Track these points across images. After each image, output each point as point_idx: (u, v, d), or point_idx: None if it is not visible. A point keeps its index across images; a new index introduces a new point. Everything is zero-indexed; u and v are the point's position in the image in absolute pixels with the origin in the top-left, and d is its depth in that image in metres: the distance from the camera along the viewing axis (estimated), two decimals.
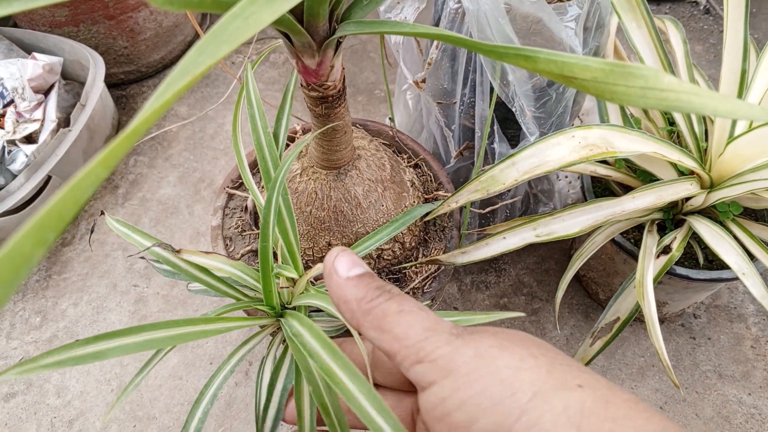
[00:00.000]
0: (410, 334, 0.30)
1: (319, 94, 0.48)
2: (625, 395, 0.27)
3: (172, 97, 0.15)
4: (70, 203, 0.13)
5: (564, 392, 0.26)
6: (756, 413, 0.86)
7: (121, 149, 0.14)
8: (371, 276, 0.33)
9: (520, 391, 0.26)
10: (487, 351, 0.28)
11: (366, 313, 0.31)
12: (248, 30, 0.18)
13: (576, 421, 0.25)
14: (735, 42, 0.67)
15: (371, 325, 0.31)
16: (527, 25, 0.62)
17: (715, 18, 1.46)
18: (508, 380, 0.27)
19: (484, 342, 0.29)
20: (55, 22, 1.17)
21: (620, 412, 0.26)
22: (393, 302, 0.31)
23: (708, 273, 0.72)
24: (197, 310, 1.00)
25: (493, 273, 1.03)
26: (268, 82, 1.38)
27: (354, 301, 0.32)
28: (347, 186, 0.61)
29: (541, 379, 0.27)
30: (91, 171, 0.13)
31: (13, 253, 0.12)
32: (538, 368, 0.27)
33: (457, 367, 0.28)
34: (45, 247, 0.13)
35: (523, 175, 0.57)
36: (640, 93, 0.21)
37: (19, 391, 0.92)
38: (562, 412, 0.25)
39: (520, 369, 0.27)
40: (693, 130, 0.72)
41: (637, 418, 0.26)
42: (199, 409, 0.48)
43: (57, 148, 1.01)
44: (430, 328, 0.30)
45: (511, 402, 0.26)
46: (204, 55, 0.17)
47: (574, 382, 0.27)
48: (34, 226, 0.12)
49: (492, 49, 0.25)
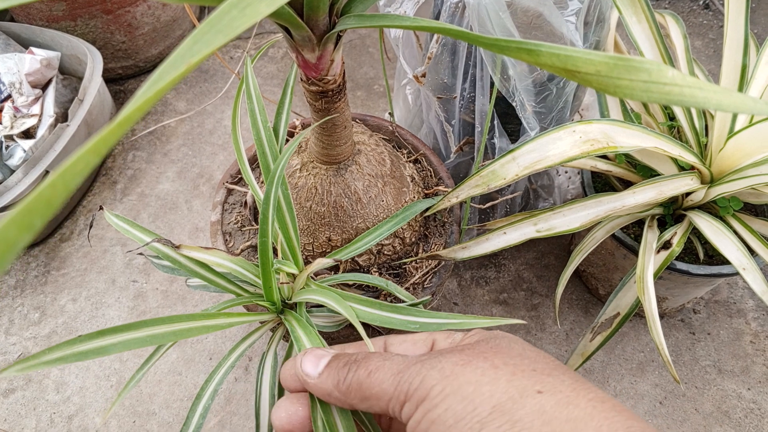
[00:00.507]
0: (385, 388, 0.31)
1: (319, 88, 0.48)
2: (591, 394, 0.28)
3: (166, 86, 0.15)
4: (59, 189, 0.13)
5: (522, 400, 0.27)
6: (755, 408, 0.86)
7: (112, 136, 0.14)
8: (337, 357, 0.35)
9: (480, 406, 0.27)
10: (451, 370, 0.29)
11: (348, 393, 0.33)
12: (245, 20, 0.17)
13: (536, 426, 0.26)
14: (735, 37, 0.66)
15: (357, 399, 0.33)
16: (528, 19, 0.62)
17: (714, 13, 1.46)
18: (469, 396, 0.28)
19: (449, 361, 0.30)
20: (52, 17, 1.17)
21: (581, 413, 0.26)
22: (360, 369, 0.33)
23: (708, 268, 0.72)
24: (196, 305, 1.00)
25: (493, 268, 1.03)
26: (266, 77, 1.37)
27: (334, 390, 0.33)
28: (347, 181, 0.61)
29: (500, 391, 0.28)
30: (81, 157, 0.13)
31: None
32: (497, 380, 0.28)
33: (427, 392, 0.29)
34: (31, 233, 0.12)
35: (523, 170, 0.56)
36: (644, 87, 0.21)
37: (18, 387, 0.92)
38: (519, 421, 0.26)
39: (481, 383, 0.28)
40: (693, 125, 0.72)
41: (600, 417, 0.26)
42: (199, 405, 0.48)
43: (55, 144, 1.01)
44: (398, 372, 0.31)
45: (472, 417, 0.27)
46: (199, 44, 0.17)
47: (534, 389, 0.28)
48: (21, 211, 0.12)
49: (494, 43, 0.24)
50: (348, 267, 0.66)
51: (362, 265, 0.66)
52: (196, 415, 0.47)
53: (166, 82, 0.15)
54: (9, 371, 0.34)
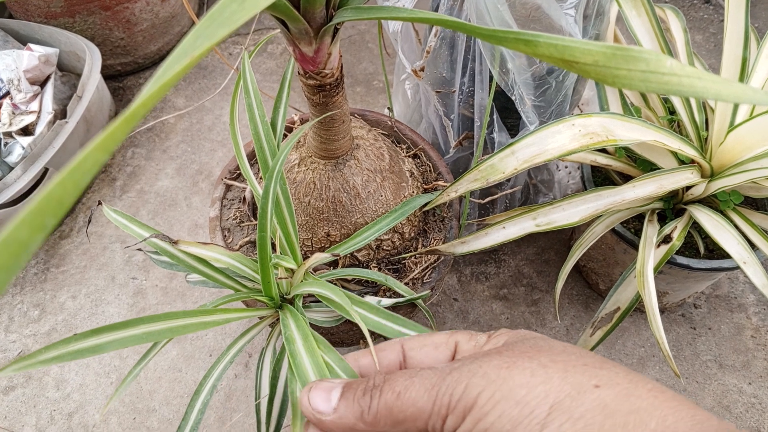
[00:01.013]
0: (421, 406, 0.29)
1: (316, 82, 0.47)
2: (649, 385, 0.27)
3: (172, 79, 0.15)
4: (69, 188, 0.13)
5: (581, 397, 0.26)
6: (756, 402, 0.86)
7: (121, 132, 0.14)
8: (349, 386, 0.33)
9: (537, 407, 0.26)
10: (497, 374, 0.28)
11: (376, 422, 0.30)
12: (245, 13, 0.17)
13: (598, 421, 0.25)
14: (736, 30, 0.66)
15: (389, 426, 0.30)
16: (526, 12, 0.61)
17: (715, 7, 1.45)
18: (523, 399, 0.27)
19: (491, 365, 0.29)
20: (50, 13, 1.16)
21: (644, 404, 0.25)
22: (386, 394, 0.30)
23: (708, 262, 0.72)
24: (196, 301, 1.00)
25: (492, 264, 1.03)
26: (265, 73, 1.37)
27: (359, 423, 0.31)
28: (346, 176, 0.61)
29: (555, 389, 0.27)
30: (89, 154, 0.13)
31: (10, 239, 0.12)
32: (550, 379, 0.27)
33: (474, 400, 0.28)
34: (44, 233, 0.12)
35: (522, 163, 0.56)
36: (642, 77, 0.21)
37: (18, 384, 0.92)
38: (581, 418, 0.25)
39: (533, 384, 0.27)
40: (693, 119, 0.72)
41: (663, 407, 0.25)
42: (198, 400, 0.48)
43: (54, 140, 1.01)
44: (432, 387, 0.29)
45: (530, 420, 0.26)
46: (201, 38, 0.17)
47: (591, 384, 0.27)
48: (32, 211, 0.12)
49: (492, 34, 0.24)
50: (347, 262, 0.66)
51: (361, 261, 0.66)
52: (194, 411, 0.47)
53: (171, 76, 0.15)
54: (6, 371, 0.34)
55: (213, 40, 0.17)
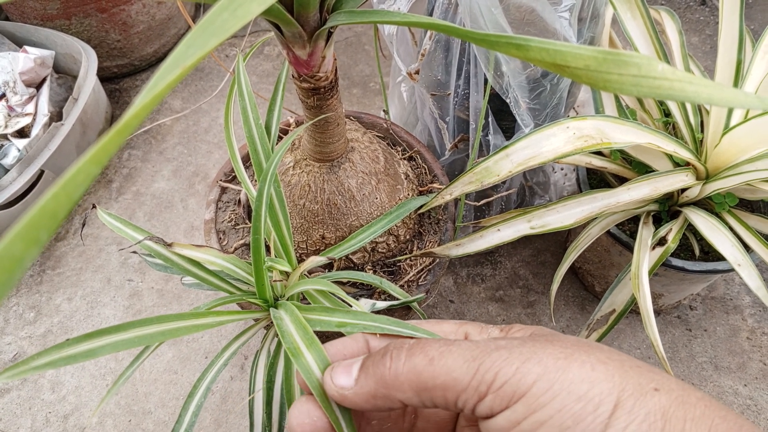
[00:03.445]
0: (457, 377, 0.27)
1: (310, 85, 0.47)
2: (698, 393, 0.27)
3: (164, 90, 0.15)
4: (62, 201, 0.13)
5: (643, 399, 0.26)
6: (752, 404, 0.86)
7: (113, 145, 0.14)
8: (371, 356, 0.31)
9: (602, 405, 0.25)
10: (555, 364, 0.27)
11: (397, 385, 0.28)
12: (236, 22, 0.17)
13: (659, 426, 0.25)
14: (730, 32, 0.66)
15: (412, 391, 0.28)
16: (520, 15, 0.61)
17: (711, 9, 1.45)
18: (587, 395, 0.26)
19: (548, 353, 0.27)
20: (46, 15, 1.16)
21: (697, 412, 0.25)
22: (418, 356, 0.29)
23: (704, 264, 0.72)
24: (192, 303, 1.00)
25: (488, 266, 1.03)
26: (261, 75, 1.37)
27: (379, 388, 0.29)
28: (341, 178, 0.61)
29: (618, 388, 0.26)
30: (82, 168, 0.13)
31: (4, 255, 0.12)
32: (612, 377, 0.26)
33: (527, 388, 0.26)
34: (38, 247, 0.12)
35: (516, 166, 0.56)
36: (633, 81, 0.21)
37: (13, 387, 0.91)
38: (645, 420, 0.25)
39: (596, 380, 0.26)
40: (688, 121, 0.72)
41: (714, 416, 0.25)
42: (192, 402, 0.47)
43: (49, 143, 1.00)
44: (473, 359, 0.28)
45: (594, 418, 0.25)
46: (193, 48, 0.17)
47: (650, 386, 0.26)
48: (25, 225, 0.12)
49: (483, 38, 0.24)
50: (342, 265, 0.66)
51: (356, 263, 0.66)
52: (188, 413, 0.47)
53: (163, 87, 0.15)
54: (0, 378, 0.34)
55: (204, 49, 0.16)
